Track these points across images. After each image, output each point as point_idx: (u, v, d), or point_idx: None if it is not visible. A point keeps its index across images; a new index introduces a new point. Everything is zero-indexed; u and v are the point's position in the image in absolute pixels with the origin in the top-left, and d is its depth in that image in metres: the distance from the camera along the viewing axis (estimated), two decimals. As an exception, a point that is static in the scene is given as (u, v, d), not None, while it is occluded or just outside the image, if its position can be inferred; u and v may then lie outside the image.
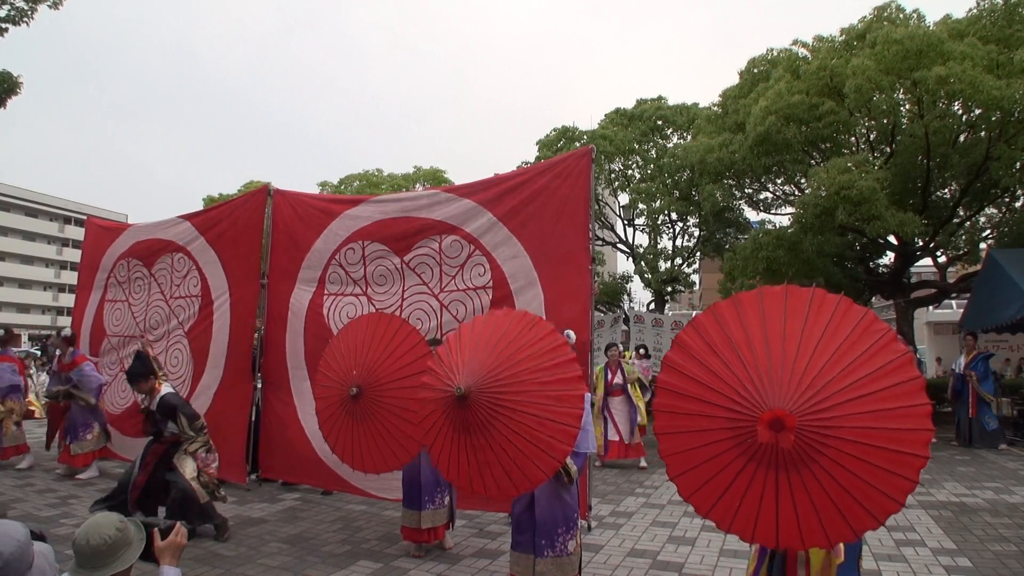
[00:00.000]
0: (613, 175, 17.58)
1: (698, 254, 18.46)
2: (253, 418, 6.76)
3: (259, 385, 6.82)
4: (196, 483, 4.96)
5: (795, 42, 13.01)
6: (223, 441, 6.29)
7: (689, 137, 16.14)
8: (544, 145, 17.80)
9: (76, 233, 58.36)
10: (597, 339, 9.73)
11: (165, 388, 5.21)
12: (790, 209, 14.32)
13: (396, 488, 5.44)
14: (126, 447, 7.42)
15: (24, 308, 55.85)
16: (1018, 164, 10.43)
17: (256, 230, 7.04)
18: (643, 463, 8.35)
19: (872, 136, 12.66)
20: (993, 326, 10.43)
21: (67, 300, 52.91)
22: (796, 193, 13.75)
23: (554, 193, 5.48)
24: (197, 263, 7.41)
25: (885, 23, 11.38)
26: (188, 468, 5.00)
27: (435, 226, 6.01)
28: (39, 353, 17.13)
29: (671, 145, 17.07)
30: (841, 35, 12.19)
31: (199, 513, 4.94)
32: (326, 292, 6.57)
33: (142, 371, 5.18)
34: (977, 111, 10.50)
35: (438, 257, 6.00)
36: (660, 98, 17.81)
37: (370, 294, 6.32)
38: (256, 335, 7.02)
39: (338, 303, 6.47)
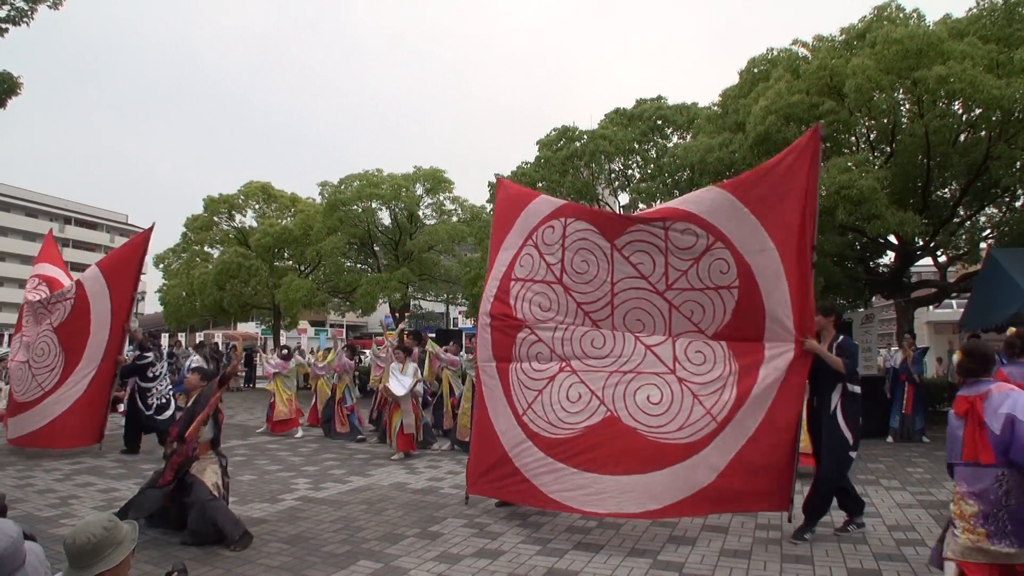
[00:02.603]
0: (613, 175, 17.56)
1: (698, 254, 18.42)
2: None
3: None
4: (218, 489, 5.06)
5: (795, 42, 13.01)
6: (92, 413, 8.48)
7: (689, 137, 16.12)
8: (544, 145, 17.78)
9: (76, 233, 58.38)
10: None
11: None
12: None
13: (611, 502, 4.94)
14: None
15: (24, 308, 55.80)
16: (1018, 163, 10.43)
17: (134, 260, 8.95)
18: None
19: (872, 136, 12.65)
20: (993, 326, 10.43)
21: (67, 300, 52.82)
22: (796, 193, 13.73)
23: (787, 172, 4.88)
24: (82, 285, 8.79)
25: (885, 23, 11.37)
26: (208, 473, 5.07)
27: (659, 211, 5.22)
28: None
29: (671, 145, 17.04)
30: (841, 35, 12.19)
31: (223, 534, 4.92)
32: (514, 276, 5.74)
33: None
34: (977, 110, 10.50)
35: (663, 245, 5.06)
36: (660, 98, 17.78)
37: (566, 283, 5.43)
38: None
39: (526, 290, 5.62)
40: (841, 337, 5.06)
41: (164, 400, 9.09)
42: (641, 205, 16.56)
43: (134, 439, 9.02)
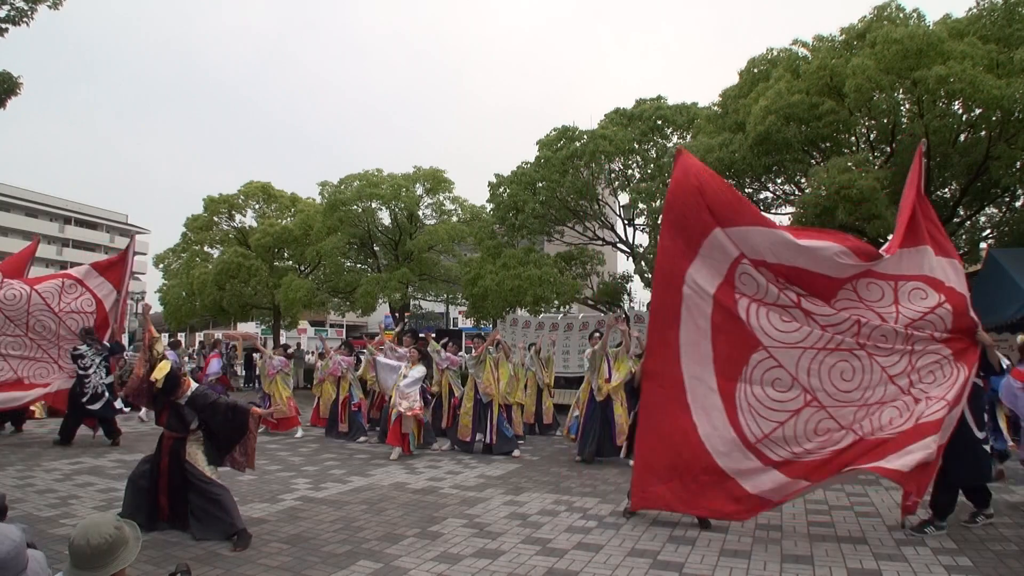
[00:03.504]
0: (613, 175, 17.56)
1: (698, 254, 18.38)
2: None
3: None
4: (211, 470, 5.15)
5: (795, 42, 12.99)
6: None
7: (689, 137, 16.12)
8: (544, 145, 17.76)
9: (76, 233, 58.33)
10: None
11: (193, 385, 5.34)
12: (790, 209, 14.31)
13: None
14: None
15: (24, 308, 55.71)
16: (1018, 163, 10.42)
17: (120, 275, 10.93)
18: None
19: (872, 135, 12.65)
20: (993, 325, 10.43)
21: (67, 300, 52.75)
22: (796, 193, 13.73)
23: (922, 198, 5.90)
24: (90, 288, 10.47)
25: (885, 23, 11.36)
26: (200, 459, 5.15)
27: (889, 276, 5.44)
28: None
29: (671, 145, 17.03)
30: (841, 35, 12.18)
31: (227, 526, 4.97)
32: (738, 292, 5.36)
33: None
34: (977, 110, 10.49)
35: (890, 287, 5.39)
36: (660, 98, 17.76)
37: (806, 307, 5.23)
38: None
39: (762, 310, 5.29)
40: None
41: (98, 391, 9.86)
42: (641, 205, 16.57)
43: (70, 431, 9.74)
